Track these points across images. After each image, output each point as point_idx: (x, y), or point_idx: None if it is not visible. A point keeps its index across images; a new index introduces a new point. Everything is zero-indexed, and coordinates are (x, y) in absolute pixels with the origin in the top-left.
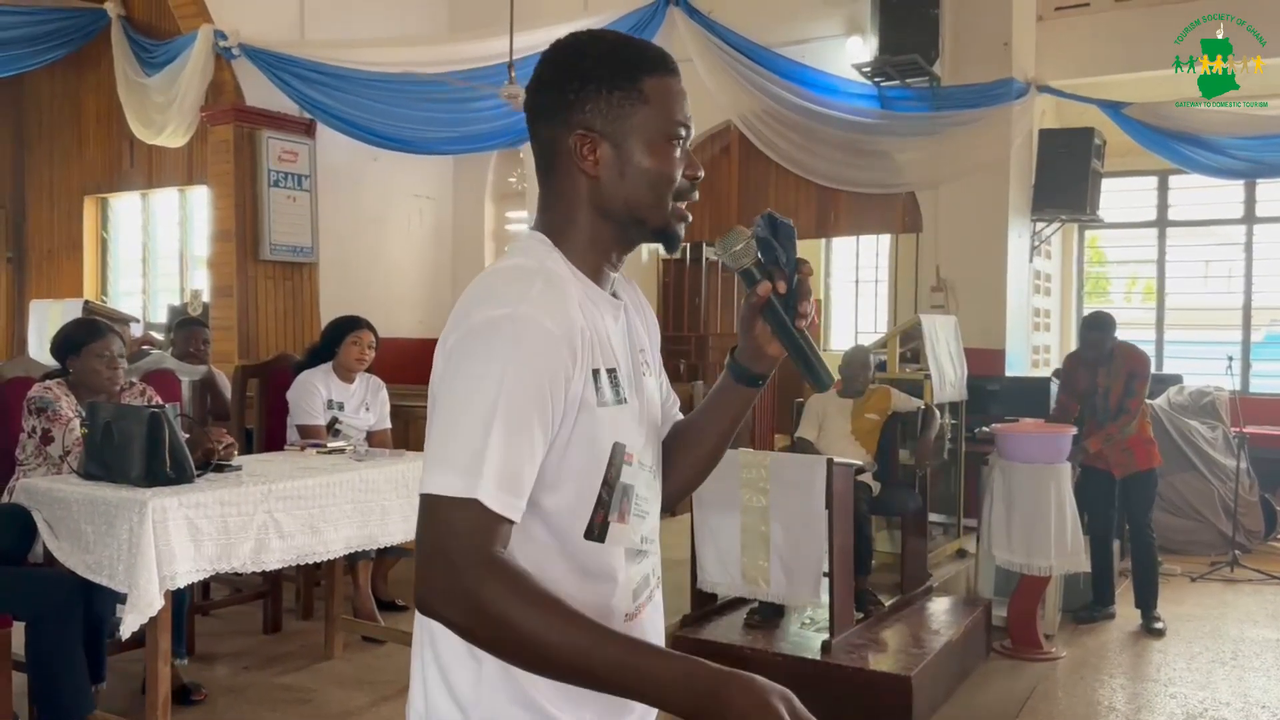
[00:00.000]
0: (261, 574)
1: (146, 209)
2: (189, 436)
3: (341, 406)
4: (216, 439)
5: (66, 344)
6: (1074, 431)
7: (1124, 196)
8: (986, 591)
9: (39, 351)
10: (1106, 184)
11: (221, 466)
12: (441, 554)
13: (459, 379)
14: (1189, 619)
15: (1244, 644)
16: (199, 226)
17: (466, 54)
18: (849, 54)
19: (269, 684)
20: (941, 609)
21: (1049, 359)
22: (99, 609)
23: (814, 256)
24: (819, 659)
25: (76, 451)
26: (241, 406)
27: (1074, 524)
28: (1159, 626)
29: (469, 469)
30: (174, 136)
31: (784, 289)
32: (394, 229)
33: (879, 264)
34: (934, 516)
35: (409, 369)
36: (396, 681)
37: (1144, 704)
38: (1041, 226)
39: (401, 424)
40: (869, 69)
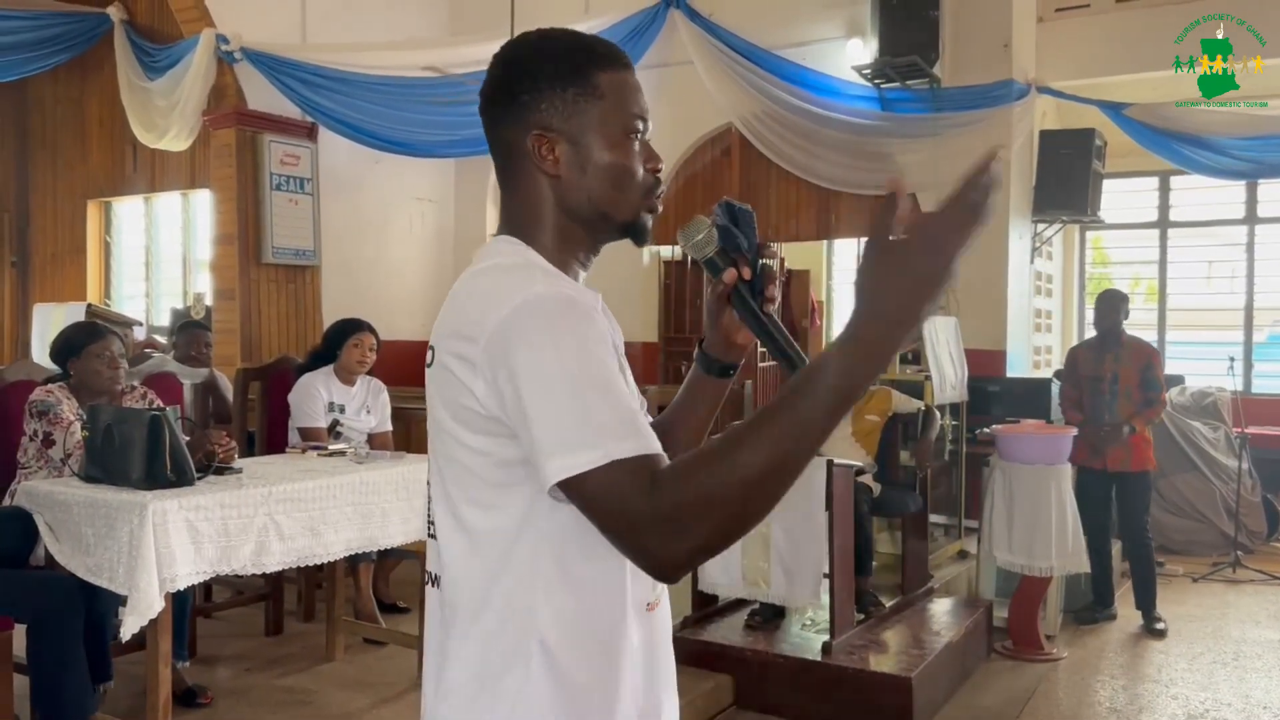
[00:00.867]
0: (263, 576)
1: (149, 213)
2: (190, 439)
3: (343, 409)
4: (217, 441)
5: (66, 347)
6: (1074, 432)
7: (1125, 197)
8: (987, 592)
9: (42, 355)
10: (1107, 185)
11: (222, 469)
12: (626, 522)
13: (531, 368)
14: (1191, 620)
15: (1246, 645)
16: (201, 230)
17: (467, 57)
18: (849, 56)
19: (270, 686)
20: (942, 610)
21: (1050, 360)
22: (101, 610)
23: (815, 258)
24: (820, 660)
25: (77, 454)
26: (243, 409)
27: (1075, 525)
28: (1160, 627)
29: (588, 441)
30: (176, 140)
31: (749, 274)
32: (396, 232)
33: None
34: (935, 517)
35: (410, 371)
36: (398, 683)
37: (1145, 705)
38: (1042, 228)
39: (403, 426)
40: (869, 71)
